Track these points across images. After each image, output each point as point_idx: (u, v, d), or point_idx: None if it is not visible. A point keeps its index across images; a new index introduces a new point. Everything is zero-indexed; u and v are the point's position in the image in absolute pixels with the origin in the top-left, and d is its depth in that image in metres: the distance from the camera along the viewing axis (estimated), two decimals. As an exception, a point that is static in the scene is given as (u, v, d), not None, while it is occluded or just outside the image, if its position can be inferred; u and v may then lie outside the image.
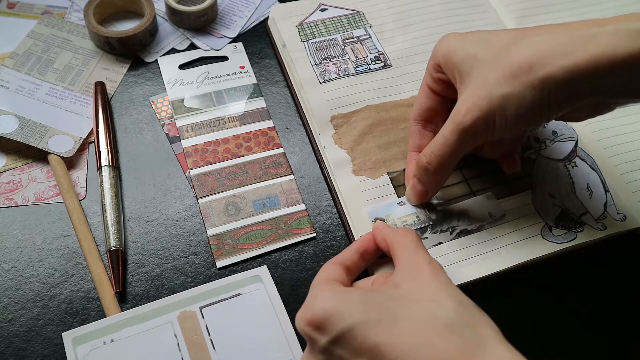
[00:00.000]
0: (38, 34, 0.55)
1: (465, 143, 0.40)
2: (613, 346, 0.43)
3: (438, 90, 0.45)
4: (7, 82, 0.51)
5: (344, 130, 0.50)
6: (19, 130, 0.49)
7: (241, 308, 0.42)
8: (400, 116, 0.51)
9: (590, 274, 0.46)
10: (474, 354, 0.31)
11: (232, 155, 0.50)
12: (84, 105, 0.52)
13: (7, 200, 0.47)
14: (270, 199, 0.48)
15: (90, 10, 0.54)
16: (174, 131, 0.51)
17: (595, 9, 0.59)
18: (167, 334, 0.41)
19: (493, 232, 0.45)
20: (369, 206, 0.46)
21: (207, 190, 0.48)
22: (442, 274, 0.36)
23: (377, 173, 0.48)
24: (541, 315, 0.44)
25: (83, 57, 0.54)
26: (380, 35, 0.56)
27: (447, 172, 0.43)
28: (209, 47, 0.56)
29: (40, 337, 0.41)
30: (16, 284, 0.43)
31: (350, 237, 0.46)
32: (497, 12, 0.58)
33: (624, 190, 0.48)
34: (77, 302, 0.43)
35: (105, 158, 0.48)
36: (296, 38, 0.55)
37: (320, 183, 0.49)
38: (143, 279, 0.44)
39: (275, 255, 0.46)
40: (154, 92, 0.53)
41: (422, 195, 0.45)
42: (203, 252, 0.45)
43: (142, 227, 0.46)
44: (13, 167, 0.48)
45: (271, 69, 0.55)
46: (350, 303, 0.34)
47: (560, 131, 0.51)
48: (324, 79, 0.52)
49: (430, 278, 0.35)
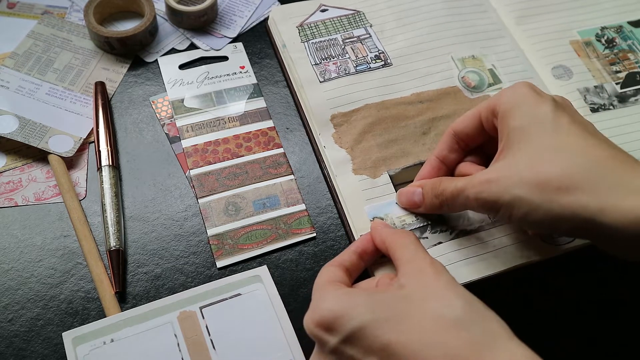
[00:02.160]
0: (38, 34, 0.55)
1: (467, 207, 0.41)
2: (612, 346, 0.43)
3: (484, 124, 0.43)
4: (7, 82, 0.51)
5: (344, 130, 0.50)
6: (19, 130, 0.49)
7: (241, 308, 0.42)
8: (400, 114, 0.51)
9: (589, 275, 0.46)
10: (484, 349, 0.31)
11: (232, 155, 0.50)
12: (84, 105, 0.52)
13: (7, 200, 0.47)
14: (270, 199, 0.48)
15: (90, 10, 0.54)
16: (174, 131, 0.51)
17: (595, 8, 0.59)
18: (167, 334, 0.41)
19: (492, 233, 0.45)
20: (369, 205, 0.46)
21: (207, 190, 0.48)
22: (445, 273, 0.36)
23: (378, 172, 0.48)
24: (540, 316, 0.44)
25: (83, 57, 0.54)
26: (380, 34, 0.56)
27: (450, 211, 0.44)
28: (209, 47, 0.56)
29: (40, 337, 0.41)
30: (16, 284, 0.43)
31: (350, 237, 0.46)
32: (497, 12, 0.58)
33: (625, 189, 0.48)
34: (77, 302, 0.43)
35: (105, 158, 0.48)
36: (296, 39, 0.55)
37: (320, 183, 0.49)
38: (143, 279, 0.44)
39: (275, 255, 0.46)
40: (154, 92, 0.53)
41: (413, 207, 0.45)
42: (203, 252, 0.45)
43: (142, 227, 0.46)
44: (13, 167, 0.48)
45: (271, 69, 0.55)
46: (357, 303, 0.34)
47: (561, 131, 0.51)
48: (324, 78, 0.52)
49: (434, 278, 0.35)
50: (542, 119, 0.38)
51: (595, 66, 0.55)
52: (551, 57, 0.55)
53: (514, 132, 0.39)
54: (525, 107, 0.39)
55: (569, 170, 0.36)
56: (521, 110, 0.39)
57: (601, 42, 0.57)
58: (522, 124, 0.39)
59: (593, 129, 0.39)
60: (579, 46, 0.56)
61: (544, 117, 0.38)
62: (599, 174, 0.35)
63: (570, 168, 0.36)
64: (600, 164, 0.36)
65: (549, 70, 0.55)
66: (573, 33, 0.57)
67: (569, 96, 0.53)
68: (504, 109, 0.40)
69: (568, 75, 0.54)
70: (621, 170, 0.36)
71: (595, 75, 0.55)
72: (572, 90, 0.53)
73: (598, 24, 0.58)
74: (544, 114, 0.38)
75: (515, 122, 0.39)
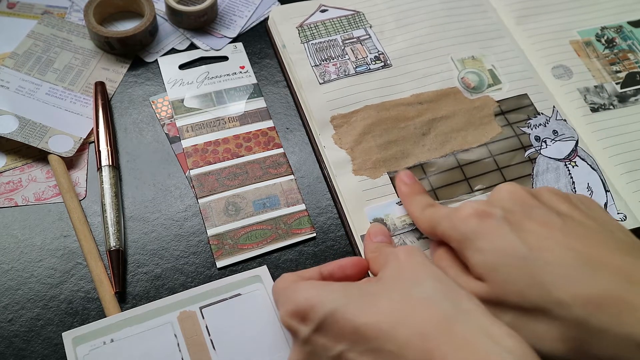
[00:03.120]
0: (38, 34, 0.55)
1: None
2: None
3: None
4: (7, 82, 0.51)
5: (344, 131, 0.50)
6: (19, 130, 0.49)
7: (241, 308, 0.42)
8: (400, 115, 0.51)
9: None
10: (456, 324, 0.31)
11: (232, 155, 0.50)
12: (84, 105, 0.52)
13: (7, 200, 0.47)
14: (270, 199, 0.48)
15: (90, 10, 0.54)
16: (174, 131, 0.51)
17: (595, 8, 0.59)
18: (167, 334, 0.41)
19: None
20: (368, 206, 0.46)
21: (207, 190, 0.48)
22: (418, 254, 0.36)
23: (377, 172, 0.48)
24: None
25: (83, 57, 0.54)
26: (380, 35, 0.56)
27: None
28: (209, 47, 0.56)
29: (40, 337, 0.41)
30: (16, 284, 0.43)
31: (350, 237, 0.46)
32: (497, 12, 0.58)
33: (624, 190, 0.48)
34: (77, 302, 0.43)
35: (105, 158, 0.48)
36: (296, 40, 0.55)
37: (320, 183, 0.49)
38: (143, 279, 0.44)
39: (275, 255, 0.46)
40: (154, 92, 0.53)
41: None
42: (203, 252, 0.45)
43: (142, 227, 0.46)
44: (13, 167, 0.48)
45: (271, 69, 0.55)
46: (332, 289, 0.35)
47: (561, 131, 0.51)
48: (324, 79, 0.52)
49: (406, 260, 0.36)
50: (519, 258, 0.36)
51: (595, 66, 0.55)
52: (551, 57, 0.55)
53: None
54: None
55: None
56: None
57: (601, 42, 0.57)
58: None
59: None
60: (579, 46, 0.56)
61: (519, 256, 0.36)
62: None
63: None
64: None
65: (549, 70, 0.55)
66: (573, 33, 0.57)
67: (569, 96, 0.53)
68: (454, 237, 0.38)
69: (568, 75, 0.54)
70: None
71: (595, 75, 0.55)
72: (572, 90, 0.53)
73: (598, 24, 0.58)
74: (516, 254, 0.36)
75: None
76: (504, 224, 0.36)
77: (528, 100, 0.52)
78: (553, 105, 0.52)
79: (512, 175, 0.48)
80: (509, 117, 0.51)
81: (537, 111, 0.52)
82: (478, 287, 0.35)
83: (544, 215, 0.36)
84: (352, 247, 0.46)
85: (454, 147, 0.49)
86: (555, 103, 0.53)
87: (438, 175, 0.48)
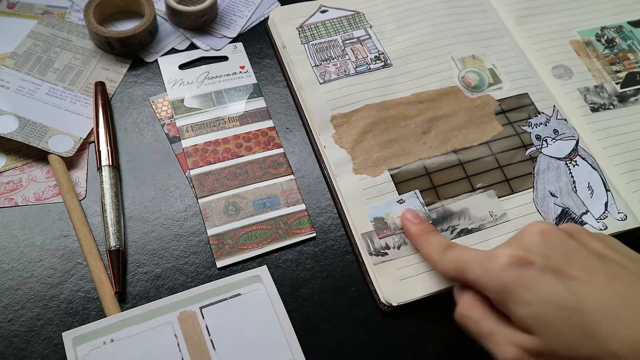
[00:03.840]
0: (38, 34, 0.55)
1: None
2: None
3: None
4: (7, 82, 0.51)
5: (344, 130, 0.50)
6: (19, 130, 0.49)
7: (241, 308, 0.42)
8: (400, 114, 0.51)
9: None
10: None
11: (232, 155, 0.50)
12: (84, 105, 0.52)
13: (7, 200, 0.47)
14: (270, 198, 0.48)
15: (90, 10, 0.54)
16: (174, 131, 0.51)
17: (595, 8, 0.59)
18: (167, 334, 0.41)
19: (493, 231, 0.45)
20: (368, 206, 0.46)
21: (207, 190, 0.48)
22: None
23: (378, 171, 0.48)
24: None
25: (83, 57, 0.54)
26: (380, 35, 0.56)
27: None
28: (209, 47, 0.56)
29: (40, 337, 0.41)
30: (16, 284, 0.43)
31: (350, 237, 0.46)
32: (497, 12, 0.59)
33: (625, 189, 0.48)
34: (77, 302, 0.43)
35: (105, 158, 0.48)
36: (296, 40, 0.55)
37: (320, 183, 0.49)
38: (143, 279, 0.44)
39: (275, 255, 0.46)
40: (154, 92, 0.53)
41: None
42: (203, 252, 0.45)
43: (142, 227, 0.46)
44: (13, 167, 0.48)
45: (271, 69, 0.55)
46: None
47: (561, 130, 0.51)
48: (324, 80, 0.52)
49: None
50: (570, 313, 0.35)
51: (595, 66, 0.55)
52: (551, 56, 0.55)
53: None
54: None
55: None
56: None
57: (601, 42, 0.57)
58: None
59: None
60: (579, 46, 0.56)
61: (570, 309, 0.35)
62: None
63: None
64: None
65: (549, 70, 0.55)
66: (573, 33, 0.57)
67: (569, 96, 0.53)
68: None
69: (568, 75, 0.54)
70: None
71: (595, 75, 0.55)
72: (572, 90, 0.53)
73: (598, 24, 0.58)
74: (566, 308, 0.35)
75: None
76: (547, 272, 0.34)
77: (528, 99, 0.52)
78: (553, 104, 0.52)
79: (514, 173, 0.48)
80: (510, 116, 0.51)
81: (538, 110, 0.52)
82: (528, 340, 0.34)
83: (584, 259, 0.35)
84: (352, 246, 0.46)
85: (455, 145, 0.49)
86: (556, 103, 0.53)
87: (439, 172, 0.48)
